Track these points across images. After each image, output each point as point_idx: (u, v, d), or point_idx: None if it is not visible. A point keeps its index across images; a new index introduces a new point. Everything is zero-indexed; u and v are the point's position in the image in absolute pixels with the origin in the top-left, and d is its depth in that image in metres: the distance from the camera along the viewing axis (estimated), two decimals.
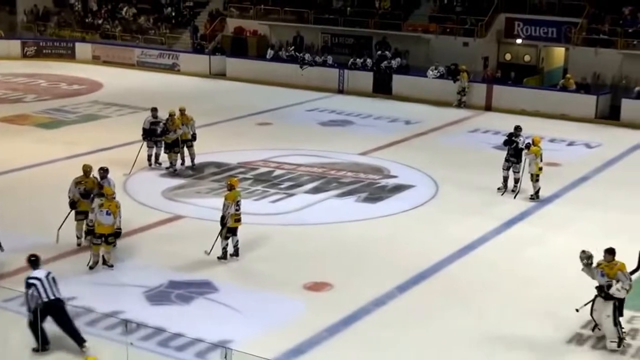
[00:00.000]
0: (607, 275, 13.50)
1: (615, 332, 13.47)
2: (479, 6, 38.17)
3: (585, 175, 23.87)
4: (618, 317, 13.48)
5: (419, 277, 16.07)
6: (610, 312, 13.45)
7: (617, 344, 13.48)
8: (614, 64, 34.10)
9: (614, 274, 13.44)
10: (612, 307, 13.43)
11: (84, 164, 17.61)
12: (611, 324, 13.46)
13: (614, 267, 13.51)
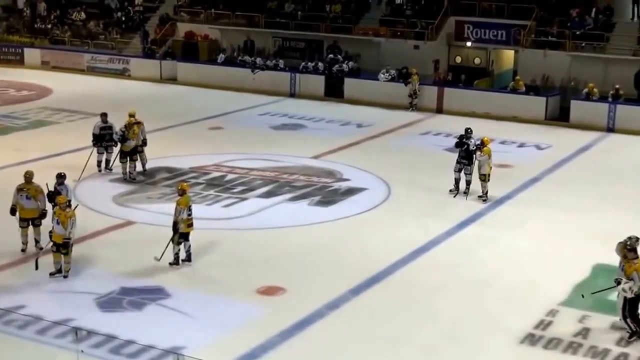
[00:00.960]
0: (624, 271, 13.67)
1: (625, 324, 13.69)
2: (429, 10, 38.39)
3: (536, 176, 24.06)
4: (628, 310, 13.59)
5: (372, 280, 16.05)
6: (621, 306, 13.69)
7: (629, 335, 13.65)
8: (562, 66, 34.47)
9: (630, 273, 13.56)
10: (622, 302, 13.66)
11: (26, 171, 17.33)
12: (621, 317, 13.74)
13: (632, 266, 13.61)
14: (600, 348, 13.37)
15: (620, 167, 25.56)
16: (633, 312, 13.64)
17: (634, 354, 13.16)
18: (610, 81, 32.45)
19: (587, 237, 18.70)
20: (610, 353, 13.22)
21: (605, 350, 13.29)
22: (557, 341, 13.61)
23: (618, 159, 26.75)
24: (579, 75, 33.82)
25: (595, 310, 14.73)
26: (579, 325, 14.19)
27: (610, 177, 24.21)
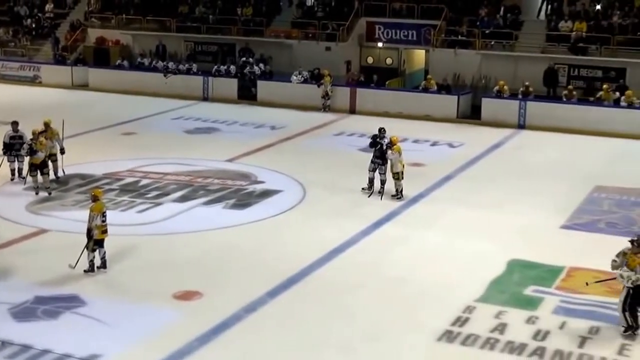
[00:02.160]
0: (629, 265, 13.65)
1: (622, 318, 13.69)
2: (340, 11, 38.50)
3: (449, 174, 24.21)
4: (628, 304, 13.56)
5: (289, 282, 15.89)
6: (622, 298, 13.66)
7: (624, 329, 13.68)
8: (473, 65, 34.92)
9: (634, 266, 13.57)
10: (624, 294, 13.63)
11: None
12: (620, 310, 13.70)
13: (635, 260, 13.62)
14: (517, 343, 13.42)
15: (532, 163, 25.90)
16: (633, 307, 13.62)
17: (550, 347, 13.24)
18: (520, 78, 32.95)
19: (502, 233, 18.87)
20: (527, 347, 13.27)
21: (522, 345, 13.34)
22: (475, 337, 13.62)
23: (529, 155, 27.11)
24: (490, 73, 34.32)
25: (510, 306, 14.81)
26: (496, 320, 14.24)
27: (522, 173, 24.51)
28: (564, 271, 16.45)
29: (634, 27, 33.91)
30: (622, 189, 22.57)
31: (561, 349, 13.19)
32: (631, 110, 30.33)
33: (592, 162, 26.10)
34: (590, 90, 32.82)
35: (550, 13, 36.66)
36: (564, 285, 15.81)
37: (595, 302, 14.97)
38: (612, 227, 19.49)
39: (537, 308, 14.75)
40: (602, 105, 30.95)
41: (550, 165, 25.67)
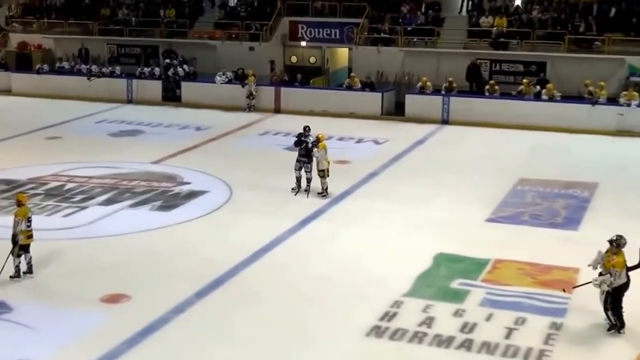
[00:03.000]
0: (604, 265, 13.64)
1: (606, 316, 13.68)
2: (263, 11, 38.45)
3: (375, 170, 24.27)
4: (610, 302, 13.54)
5: (217, 283, 15.71)
6: (603, 298, 13.66)
7: (608, 327, 13.66)
8: (396, 62, 35.12)
9: (608, 268, 13.52)
10: (605, 293, 13.63)
11: None
12: (603, 308, 13.68)
13: (610, 261, 13.53)
14: (445, 336, 13.47)
15: (456, 158, 26.13)
16: (615, 306, 13.60)
17: (477, 339, 13.31)
18: (443, 74, 33.23)
19: (428, 228, 18.96)
20: (454, 340, 13.33)
21: (450, 338, 13.39)
22: (403, 332, 13.63)
23: (454, 150, 27.35)
24: (413, 70, 34.53)
25: (438, 299, 14.86)
26: (423, 314, 14.27)
27: (447, 167, 24.69)
28: (490, 263, 16.58)
29: (553, 22, 34.47)
30: (545, 181, 22.88)
31: (488, 341, 13.27)
32: (552, 103, 30.82)
33: (515, 156, 26.42)
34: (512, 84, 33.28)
35: (471, 9, 37.10)
36: (490, 277, 15.92)
37: (520, 293, 15.12)
38: (536, 219, 19.73)
39: (464, 301, 14.83)
40: (524, 99, 31.39)
41: (474, 159, 25.92)
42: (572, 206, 20.75)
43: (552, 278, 15.84)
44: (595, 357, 12.84)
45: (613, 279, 13.37)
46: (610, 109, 30.07)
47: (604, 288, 13.53)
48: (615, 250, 13.56)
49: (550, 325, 13.84)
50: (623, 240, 13.66)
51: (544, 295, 14.99)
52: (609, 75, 32.16)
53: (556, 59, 33.34)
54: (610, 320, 13.62)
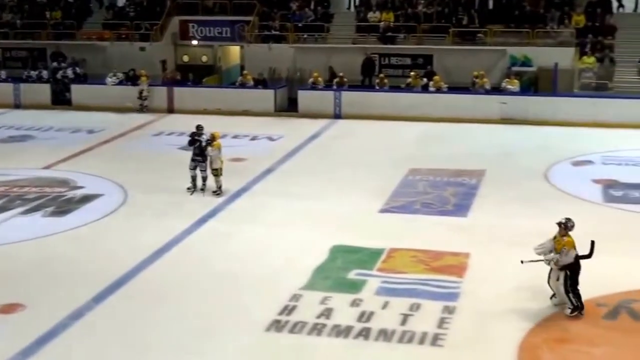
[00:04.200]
0: (555, 249, 13.99)
1: (566, 299, 13.93)
2: (152, 11, 38.13)
3: (270, 167, 24.42)
4: (570, 285, 13.85)
5: (115, 285, 15.58)
6: (562, 279, 13.92)
7: (571, 311, 13.91)
8: (287, 58, 35.32)
9: (559, 249, 13.91)
10: (563, 275, 13.90)
11: None
12: (562, 291, 13.94)
13: (561, 242, 13.93)
14: (343, 326, 13.67)
15: (350, 151, 26.48)
16: (574, 287, 13.94)
17: (374, 327, 13.56)
18: (334, 69, 33.49)
19: (323, 221, 19.15)
20: (352, 330, 13.55)
21: (348, 328, 13.61)
22: (302, 324, 13.80)
23: (347, 144, 27.70)
24: (304, 66, 34.79)
25: (335, 291, 15.07)
26: (322, 306, 14.46)
27: (341, 161, 25.01)
28: (384, 253, 16.88)
29: (438, 15, 35.20)
30: (435, 170, 23.39)
31: (385, 328, 13.54)
32: (439, 94, 31.48)
33: (406, 147, 26.92)
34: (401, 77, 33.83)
35: (359, 5, 37.59)
36: (385, 266, 16.23)
37: (414, 280, 15.45)
38: (427, 207, 20.17)
39: (361, 291, 15.08)
40: (412, 92, 31.95)
41: (366, 152, 26.30)
42: (461, 194, 21.28)
43: (444, 264, 16.24)
44: (485, 338, 13.21)
45: (559, 257, 13.90)
46: (493, 98, 30.88)
47: (551, 265, 14.03)
48: (563, 233, 14.09)
49: (443, 309, 14.21)
50: (571, 223, 14.19)
51: (436, 281, 15.37)
52: (492, 65, 33.04)
53: (442, 52, 34.08)
54: (572, 302, 14.00)
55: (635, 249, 15.11)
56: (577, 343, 12.94)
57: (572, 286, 13.91)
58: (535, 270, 15.39)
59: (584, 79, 33.04)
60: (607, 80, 32.95)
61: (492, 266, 16.12)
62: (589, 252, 14.11)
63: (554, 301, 14.35)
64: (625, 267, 14.57)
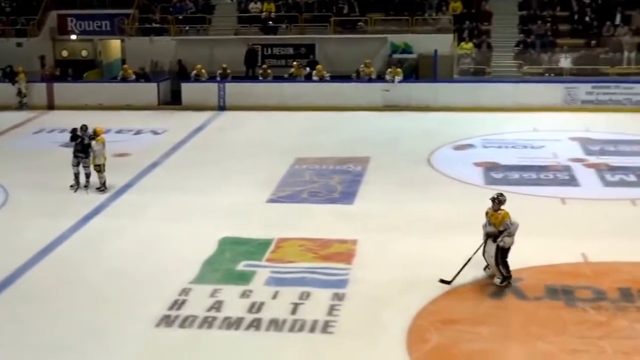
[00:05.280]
0: (494, 224, 14.14)
1: (497, 270, 14.24)
2: (29, 5, 37.21)
3: (155, 161, 24.13)
4: (500, 257, 14.16)
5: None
6: (494, 252, 14.18)
7: (500, 281, 14.26)
8: (169, 51, 34.91)
9: (499, 223, 14.07)
10: (494, 249, 14.19)
11: None
12: (494, 263, 14.23)
13: (498, 217, 14.11)
14: (234, 318, 13.60)
15: (235, 143, 26.39)
16: (504, 259, 14.27)
17: (265, 317, 13.52)
18: (217, 61, 33.31)
19: (211, 214, 19.02)
20: (243, 321, 13.48)
21: (239, 319, 13.53)
22: (193, 318, 13.65)
23: (232, 136, 27.60)
24: (187, 58, 34.38)
25: (225, 283, 14.96)
26: (212, 299, 14.34)
27: (227, 153, 24.92)
28: (273, 243, 16.85)
29: (319, 5, 35.36)
30: (321, 159, 23.51)
31: (276, 318, 13.52)
32: (322, 84, 31.65)
33: (291, 136, 27.00)
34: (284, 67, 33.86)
35: None
36: (274, 256, 16.20)
37: (303, 268, 15.47)
38: (315, 196, 20.24)
39: (250, 282, 15.02)
40: (296, 81, 32.03)
41: (252, 143, 26.25)
42: (347, 181, 21.44)
43: (332, 251, 16.32)
44: (375, 323, 13.32)
45: (509, 230, 14.16)
46: (376, 86, 31.21)
47: (510, 243, 14.23)
48: (496, 207, 14.35)
49: (333, 296, 14.26)
50: (503, 197, 14.49)
51: (325, 269, 15.42)
52: (373, 53, 33.36)
53: (324, 41, 34.27)
54: (502, 273, 14.34)
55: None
56: (464, 323, 13.14)
57: (502, 258, 14.30)
58: (421, 254, 15.68)
59: (463, 64, 33.77)
60: (484, 65, 33.74)
61: (380, 252, 16.28)
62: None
63: (487, 272, 14.71)
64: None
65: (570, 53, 33.78)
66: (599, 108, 30.20)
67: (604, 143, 25.20)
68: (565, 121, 28.65)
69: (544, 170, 22.06)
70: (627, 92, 30.44)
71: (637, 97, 30.28)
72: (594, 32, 34.41)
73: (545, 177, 21.47)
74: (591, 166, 22.49)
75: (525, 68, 33.39)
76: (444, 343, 12.55)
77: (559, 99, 30.61)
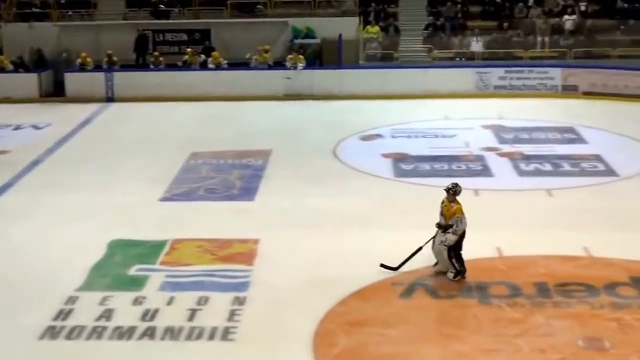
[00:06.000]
0: (444, 216, 14.22)
1: (450, 264, 14.32)
2: None
3: (38, 158, 23.71)
4: (452, 251, 14.27)
5: None
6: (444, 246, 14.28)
7: (454, 275, 14.40)
8: (51, 38, 34.22)
9: (449, 216, 14.14)
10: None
11: None
12: (446, 257, 14.33)
13: (450, 209, 14.14)
14: (126, 327, 13.38)
15: (125, 137, 26.12)
16: (457, 253, 14.36)
17: (160, 325, 13.36)
18: (104, 48, 32.83)
19: (100, 214, 18.70)
20: (136, 330, 13.29)
21: (132, 328, 13.33)
22: (80, 329, 13.39)
23: (122, 129, 27.34)
24: (70, 46, 33.79)
25: (115, 289, 14.72)
26: (101, 307, 14.08)
27: (117, 148, 24.68)
28: (168, 245, 16.67)
29: None
30: (218, 153, 23.40)
31: (172, 326, 13.35)
32: (219, 72, 31.50)
33: (186, 129, 26.84)
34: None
35: None
36: (169, 259, 16.03)
37: (201, 271, 15.33)
38: (212, 193, 20.14)
39: (144, 287, 14.81)
40: (190, 69, 31.82)
41: (144, 136, 26.03)
42: (247, 176, 21.38)
43: (232, 252, 16.23)
44: (279, 328, 13.28)
45: (456, 227, 14.27)
46: (277, 73, 31.21)
47: (452, 240, 14.32)
48: (452, 198, 14.45)
49: (234, 300, 14.17)
50: (459, 188, 14.57)
51: (225, 271, 15.32)
52: (274, 39, 33.34)
53: (220, 26, 34.09)
54: (456, 267, 14.45)
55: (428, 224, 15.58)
56: (373, 325, 13.21)
57: (455, 251, 14.45)
58: (328, 253, 15.72)
59: (369, 49, 34.01)
60: (392, 50, 34.06)
61: (283, 251, 16.25)
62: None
63: (436, 268, 14.83)
64: (418, 243, 15.01)
65: (482, 36, 34.38)
66: (513, 94, 30.80)
67: (518, 131, 25.70)
68: (477, 108, 29.14)
69: (455, 161, 22.37)
70: (542, 76, 31.09)
71: (551, 82, 30.94)
72: (506, 13, 35.09)
73: (457, 168, 21.77)
74: (505, 155, 22.91)
75: (435, 52, 33.84)
76: (352, 347, 12.59)
77: (471, 84, 31.10)
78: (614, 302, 13.67)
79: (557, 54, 33.84)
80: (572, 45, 33.81)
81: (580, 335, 12.61)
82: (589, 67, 31.54)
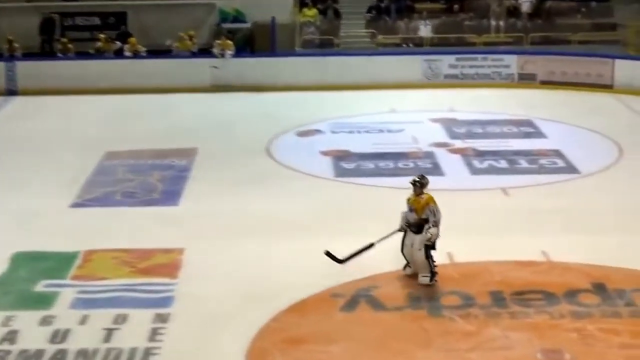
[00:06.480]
0: (415, 210, 14.36)
1: (427, 265, 14.44)
2: None
3: None
4: (429, 250, 14.37)
5: None
6: (419, 245, 14.38)
7: (429, 278, 14.47)
8: None
9: (421, 209, 14.30)
10: (419, 241, 14.40)
11: None
12: (422, 257, 14.41)
13: (421, 201, 14.33)
14: (33, 350, 13.29)
15: (30, 135, 25.95)
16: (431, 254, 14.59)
17: (72, 348, 13.32)
18: (4, 34, 32.55)
19: (2, 224, 18.56)
20: (45, 354, 13.21)
21: (39, 352, 13.23)
22: None
23: (26, 126, 27.20)
24: None
25: (19, 308, 14.56)
26: (4, 329, 13.92)
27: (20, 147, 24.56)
28: (80, 257, 16.58)
29: None
30: (136, 152, 23.40)
31: (85, 348, 13.28)
32: (137, 60, 31.39)
33: (100, 125, 26.78)
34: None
35: None
36: (81, 273, 15.95)
37: (118, 286, 15.29)
38: (130, 197, 20.13)
39: (53, 305, 14.71)
40: (104, 58, 31.67)
41: (51, 135, 25.92)
42: (169, 178, 21.39)
43: (153, 263, 16.22)
44: (207, 347, 13.32)
45: (434, 217, 14.46)
46: (203, 62, 31.21)
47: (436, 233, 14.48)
48: (419, 192, 14.64)
49: (155, 318, 14.15)
50: (425, 180, 14.82)
51: (145, 285, 15.30)
52: (199, 23, 33.35)
53: (137, 8, 34.03)
54: (431, 267, 14.66)
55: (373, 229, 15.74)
56: (313, 342, 13.30)
57: (431, 250, 14.68)
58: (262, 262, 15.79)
59: (306, 34, 34.14)
60: (332, 35, 34.23)
61: (212, 261, 16.26)
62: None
63: (407, 271, 15.02)
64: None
65: (431, 20, 34.73)
66: (465, 83, 31.18)
67: (471, 124, 26.06)
68: (426, 99, 29.48)
69: (402, 158, 22.61)
70: (496, 64, 31.51)
71: (507, 70, 31.37)
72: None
73: (404, 166, 22.00)
74: (456, 152, 23.23)
75: (379, 38, 34.13)
76: None
77: (419, 73, 31.39)
78: (574, 310, 13.93)
79: (512, 39, 34.37)
80: (529, 30, 34.31)
81: (539, 347, 12.81)
82: (548, 53, 32.07)
